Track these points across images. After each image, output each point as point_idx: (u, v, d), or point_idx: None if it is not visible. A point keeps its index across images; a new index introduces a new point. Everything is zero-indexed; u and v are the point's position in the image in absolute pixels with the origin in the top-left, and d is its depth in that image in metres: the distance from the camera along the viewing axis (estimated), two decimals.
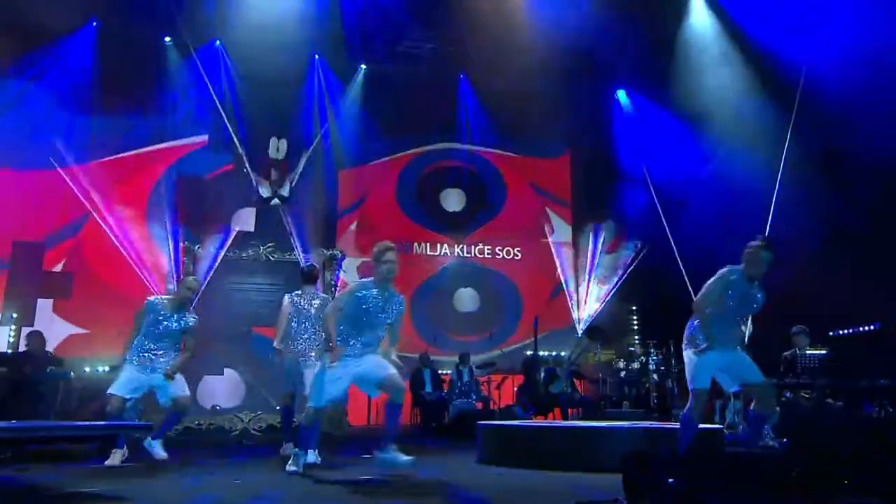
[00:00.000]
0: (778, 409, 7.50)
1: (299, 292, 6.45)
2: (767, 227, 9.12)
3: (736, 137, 10.59)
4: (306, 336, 6.24)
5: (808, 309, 8.83)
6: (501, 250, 13.37)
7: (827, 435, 3.91)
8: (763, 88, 10.45)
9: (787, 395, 7.79)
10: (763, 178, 9.78)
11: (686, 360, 4.92)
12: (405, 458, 4.67)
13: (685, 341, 4.99)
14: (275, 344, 6.36)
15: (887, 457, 3.76)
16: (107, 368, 8.77)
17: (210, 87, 10.76)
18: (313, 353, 6.14)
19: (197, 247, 10.39)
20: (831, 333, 8.47)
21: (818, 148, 9.31)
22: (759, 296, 4.82)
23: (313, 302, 6.35)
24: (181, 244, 10.42)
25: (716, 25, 11.39)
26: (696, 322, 4.92)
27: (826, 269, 8.59)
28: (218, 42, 11.73)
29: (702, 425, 5.02)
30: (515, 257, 13.42)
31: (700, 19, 11.65)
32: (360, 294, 4.81)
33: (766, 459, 4.23)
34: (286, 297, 6.46)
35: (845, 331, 8.30)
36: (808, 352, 8.21)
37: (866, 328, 8.19)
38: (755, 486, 3.45)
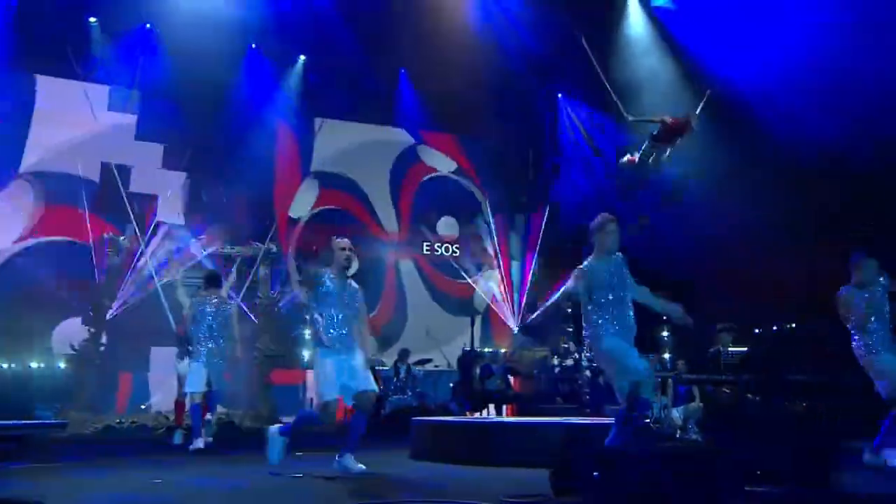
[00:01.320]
0: (701, 404, 7.81)
1: (205, 293, 6.81)
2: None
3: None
4: (208, 336, 6.57)
5: (733, 307, 9.22)
6: (440, 246, 13.36)
7: (744, 428, 4.07)
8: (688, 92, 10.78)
9: (710, 390, 8.09)
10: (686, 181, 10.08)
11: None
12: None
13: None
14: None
15: (798, 444, 3.95)
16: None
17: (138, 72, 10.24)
18: (216, 355, 6.60)
19: (123, 238, 9.98)
20: (757, 332, 8.86)
21: (740, 152, 9.68)
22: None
23: (219, 306, 6.77)
24: (106, 235, 9.98)
25: (650, 31, 11.69)
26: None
27: (748, 270, 8.94)
28: (148, 25, 11.25)
29: None
30: (454, 254, 13.41)
31: (636, 23, 11.93)
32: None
33: (688, 452, 4.36)
34: (188, 301, 6.90)
35: (766, 329, 8.69)
36: (730, 349, 8.56)
37: (784, 327, 8.61)
38: (677, 478, 3.55)
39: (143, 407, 9.62)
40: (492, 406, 10.30)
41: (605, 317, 4.50)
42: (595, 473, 3.33)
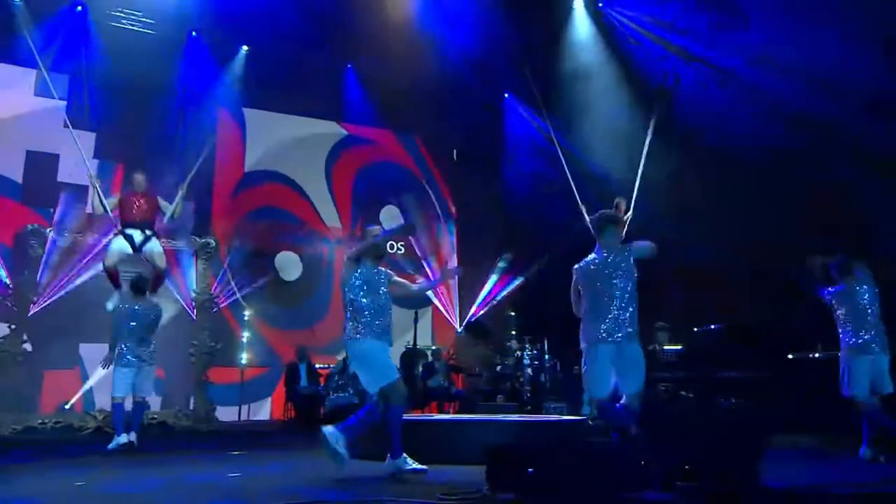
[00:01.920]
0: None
1: (132, 299, 6.82)
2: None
3: (606, 143, 11.10)
4: (138, 342, 6.65)
5: (670, 305, 9.45)
6: (392, 246, 13.21)
7: (676, 424, 4.15)
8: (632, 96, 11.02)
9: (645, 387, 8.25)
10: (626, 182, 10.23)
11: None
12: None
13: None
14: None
15: (730, 443, 4.06)
16: None
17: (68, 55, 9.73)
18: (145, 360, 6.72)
19: (49, 230, 9.51)
20: (696, 330, 9.10)
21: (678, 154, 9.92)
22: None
23: (147, 310, 6.83)
24: (30, 226, 9.49)
25: (595, 34, 11.88)
26: None
27: (686, 270, 9.16)
28: (79, 8, 10.74)
29: (566, 417, 5.20)
30: (399, 251, 13.31)
31: (581, 27, 12.11)
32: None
33: (620, 449, 4.43)
34: (117, 307, 6.90)
35: (703, 328, 8.94)
36: (666, 347, 8.78)
37: (718, 326, 8.88)
38: (609, 474, 3.60)
39: (66, 407, 9.20)
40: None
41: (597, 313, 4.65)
42: (529, 469, 3.34)
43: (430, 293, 12.53)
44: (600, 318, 4.64)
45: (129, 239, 7.22)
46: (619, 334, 4.59)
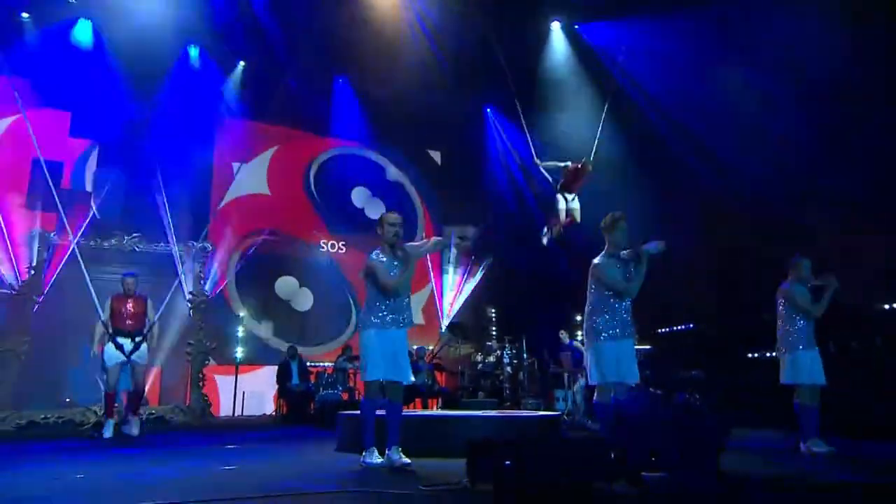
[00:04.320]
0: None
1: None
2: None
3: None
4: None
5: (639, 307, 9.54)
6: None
7: (643, 419, 4.20)
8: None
9: None
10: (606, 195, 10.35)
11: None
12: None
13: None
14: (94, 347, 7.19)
15: (690, 433, 4.11)
16: None
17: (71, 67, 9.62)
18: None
19: (53, 234, 9.41)
20: (660, 331, 9.19)
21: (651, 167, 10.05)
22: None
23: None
24: (35, 230, 9.39)
25: (570, 53, 11.98)
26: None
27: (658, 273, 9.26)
28: (83, 20, 10.64)
29: (542, 412, 5.22)
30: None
31: (558, 47, 12.21)
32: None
33: (592, 442, 4.47)
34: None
35: (668, 329, 9.05)
36: (636, 347, 8.84)
37: (684, 327, 8.99)
38: (582, 465, 3.63)
39: (67, 401, 9.08)
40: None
41: (605, 315, 4.60)
42: (507, 462, 3.36)
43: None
44: (613, 315, 4.63)
45: (121, 348, 7.17)
46: (627, 330, 4.63)
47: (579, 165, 8.50)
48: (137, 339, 7.22)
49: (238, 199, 12.23)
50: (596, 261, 4.76)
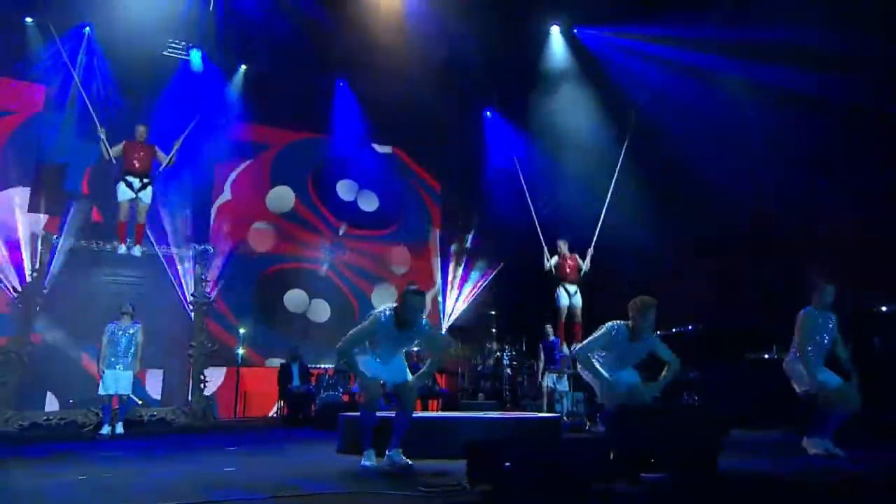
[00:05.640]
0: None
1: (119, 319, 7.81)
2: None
3: (578, 158, 11.19)
4: (122, 354, 7.72)
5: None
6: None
7: (641, 420, 4.18)
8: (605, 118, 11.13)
9: None
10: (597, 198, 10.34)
11: None
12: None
13: None
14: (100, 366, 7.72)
15: (688, 434, 4.11)
16: None
17: (74, 73, 9.58)
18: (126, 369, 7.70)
19: (56, 237, 9.40)
20: (659, 332, 9.14)
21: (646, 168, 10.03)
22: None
23: (128, 331, 7.82)
24: (39, 234, 9.39)
25: (570, 57, 11.98)
26: None
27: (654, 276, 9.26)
28: (87, 29, 10.62)
29: (543, 414, 5.21)
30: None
31: (558, 49, 12.20)
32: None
33: (591, 443, 4.45)
34: (109, 326, 7.79)
35: (667, 331, 9.02)
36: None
37: (682, 329, 8.97)
38: (581, 466, 3.62)
39: (70, 402, 9.08)
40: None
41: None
42: (506, 464, 3.35)
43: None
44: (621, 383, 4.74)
45: (130, 185, 8.25)
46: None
47: (567, 257, 8.79)
48: (145, 180, 8.33)
49: (238, 199, 12.23)
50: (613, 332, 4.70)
